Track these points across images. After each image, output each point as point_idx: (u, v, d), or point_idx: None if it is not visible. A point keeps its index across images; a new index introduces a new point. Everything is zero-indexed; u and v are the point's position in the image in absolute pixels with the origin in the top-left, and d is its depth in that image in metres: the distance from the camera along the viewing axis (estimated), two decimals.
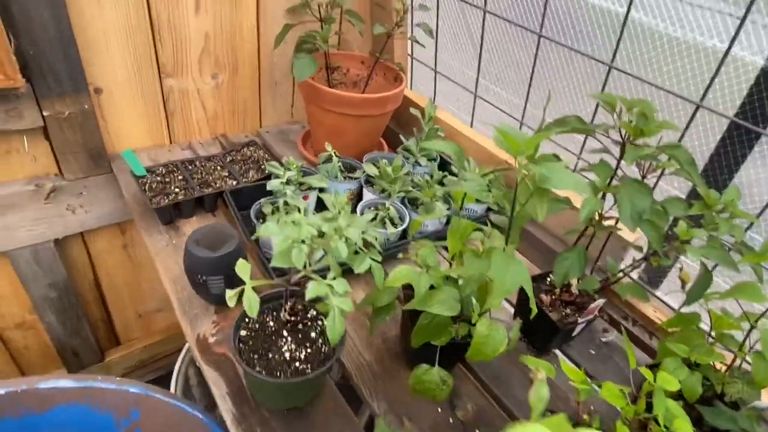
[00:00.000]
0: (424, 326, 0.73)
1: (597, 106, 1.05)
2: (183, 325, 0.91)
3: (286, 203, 1.01)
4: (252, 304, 0.65)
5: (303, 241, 0.65)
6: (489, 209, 1.24)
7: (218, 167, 1.23)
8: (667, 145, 0.71)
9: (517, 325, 0.71)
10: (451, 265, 0.79)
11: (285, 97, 1.53)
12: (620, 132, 0.76)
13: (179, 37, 1.23)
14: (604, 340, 1.05)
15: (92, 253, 1.43)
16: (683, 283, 0.86)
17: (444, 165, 1.36)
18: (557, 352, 1.01)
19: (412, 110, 1.33)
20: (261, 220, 1.04)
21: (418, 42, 1.33)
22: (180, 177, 1.16)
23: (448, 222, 1.18)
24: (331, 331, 0.63)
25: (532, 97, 1.20)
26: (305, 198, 1.12)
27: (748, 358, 0.74)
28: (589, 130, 0.77)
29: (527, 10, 1.22)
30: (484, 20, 1.23)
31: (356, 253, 0.72)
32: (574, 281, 0.98)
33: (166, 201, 1.07)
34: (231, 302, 0.69)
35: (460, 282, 0.74)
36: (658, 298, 1.07)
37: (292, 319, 0.80)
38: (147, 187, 1.11)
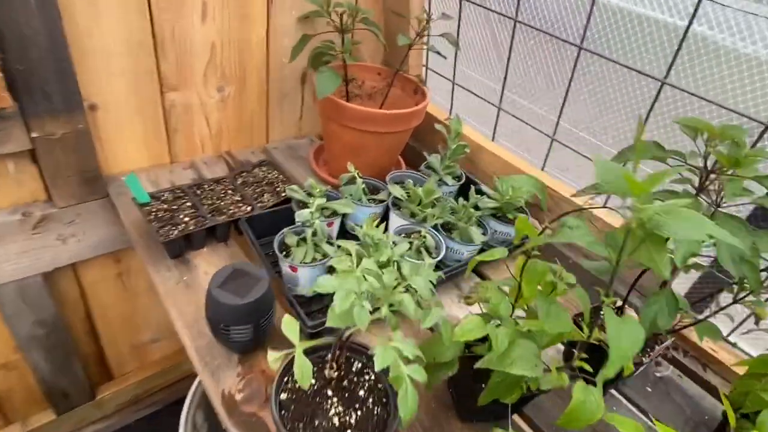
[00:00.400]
0: (496, 385, 0.64)
1: (645, 120, 0.98)
2: (204, 379, 0.80)
3: (314, 233, 0.91)
4: (305, 372, 0.54)
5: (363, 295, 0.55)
6: None
7: (229, 191, 1.12)
8: (763, 176, 0.64)
9: (600, 383, 0.63)
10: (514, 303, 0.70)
11: (293, 110, 1.43)
12: (704, 161, 0.68)
13: (183, 47, 1.11)
14: (658, 375, 0.98)
15: (84, 285, 1.29)
16: (758, 319, 0.79)
17: (469, 183, 1.28)
18: (613, 392, 0.93)
19: (437, 126, 1.24)
20: (284, 253, 0.93)
21: (439, 53, 1.24)
22: (188, 203, 1.04)
23: (482, 250, 1.10)
24: (403, 408, 0.53)
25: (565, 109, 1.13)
26: (330, 225, 1.02)
27: None
28: (668, 157, 0.69)
29: (549, 16, 1.15)
30: (514, 30, 1.15)
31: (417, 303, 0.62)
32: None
33: (176, 233, 0.95)
34: (274, 365, 0.59)
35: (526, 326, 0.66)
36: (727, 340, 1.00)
37: (336, 375, 0.70)
38: (153, 216, 0.99)
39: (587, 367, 0.62)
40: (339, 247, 0.75)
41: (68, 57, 0.93)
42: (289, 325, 0.56)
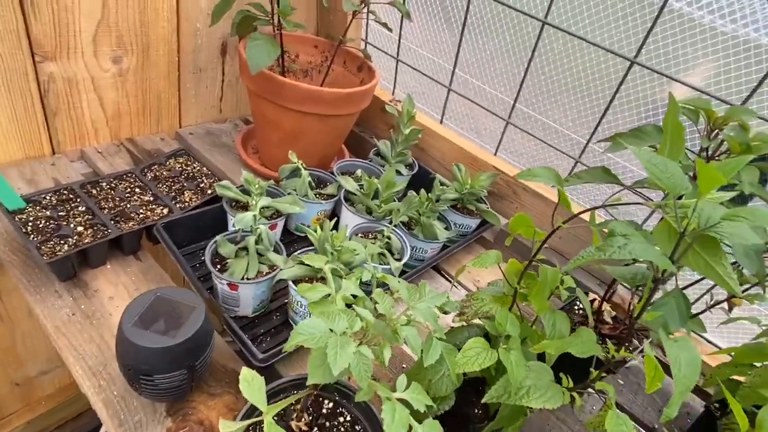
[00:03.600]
0: (504, 417, 0.54)
1: (609, 104, 0.92)
2: None
3: (258, 241, 0.73)
4: None
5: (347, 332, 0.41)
6: (484, 222, 1.07)
7: (137, 189, 0.88)
8: None
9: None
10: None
11: (211, 88, 1.20)
12: (708, 145, 0.62)
13: (63, 2, 0.85)
14: (626, 365, 0.96)
15: None
16: (731, 307, 0.77)
17: (422, 173, 1.16)
18: (590, 390, 0.88)
19: (388, 108, 1.10)
20: (219, 267, 0.75)
21: (386, 26, 1.09)
22: (81, 208, 0.80)
23: (444, 247, 0.99)
24: None
25: (523, 92, 1.05)
26: (272, 228, 0.85)
27: None
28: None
29: None
30: (469, 2, 1.04)
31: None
32: (607, 308, 0.86)
33: (66, 248, 0.72)
34: None
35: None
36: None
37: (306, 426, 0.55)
38: (30, 227, 0.74)
39: (611, 390, 0.54)
40: (302, 262, 0.59)
41: None
42: (251, 385, 0.40)
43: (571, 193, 1.04)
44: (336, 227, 0.91)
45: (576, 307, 0.88)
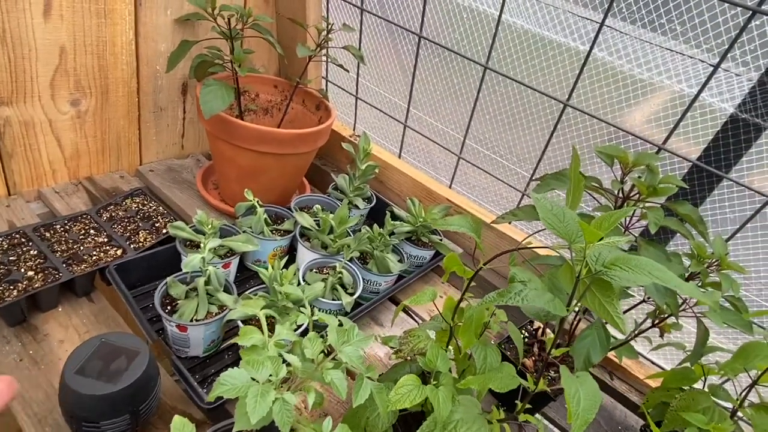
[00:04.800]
0: None
1: (547, 142, 0.99)
2: None
3: (207, 281, 0.75)
4: None
5: (280, 381, 0.43)
6: (438, 252, 1.11)
7: (91, 230, 0.90)
8: (676, 203, 0.65)
9: None
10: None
11: (172, 126, 1.23)
12: (622, 188, 0.68)
13: (20, 49, 0.87)
14: None
15: None
16: (663, 332, 0.82)
17: (380, 205, 1.20)
18: (538, 416, 0.91)
19: (345, 145, 1.14)
20: (169, 308, 0.76)
21: (342, 67, 1.15)
22: (33, 252, 0.81)
23: (400, 278, 1.03)
24: None
25: (471, 129, 1.11)
26: (226, 266, 0.87)
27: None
28: (588, 183, 0.68)
29: (461, 37, 1.13)
30: (419, 46, 1.10)
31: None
32: (549, 335, 0.90)
33: (15, 293, 0.72)
34: None
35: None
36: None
37: None
38: None
39: (534, 420, 0.57)
40: (241, 297, 0.62)
41: None
42: None
43: (522, 222, 1.09)
44: (288, 264, 0.94)
45: (525, 336, 0.92)
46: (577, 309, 0.82)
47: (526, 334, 0.92)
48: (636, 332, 0.76)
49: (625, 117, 0.95)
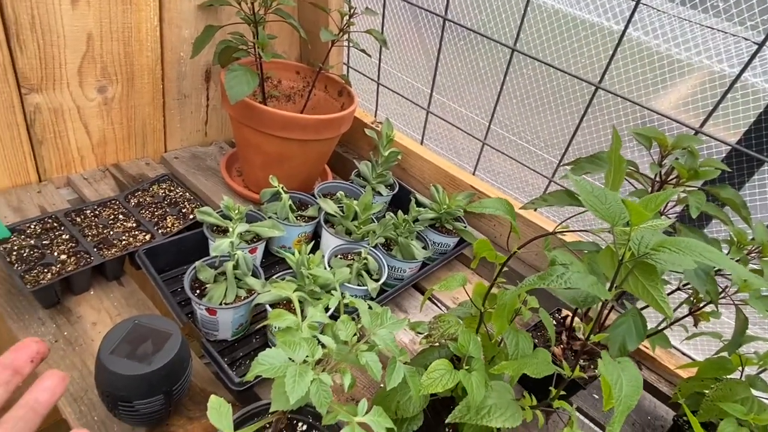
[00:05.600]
0: None
1: (577, 126, 0.96)
2: None
3: (236, 266, 0.75)
4: None
5: (318, 361, 0.43)
6: (462, 240, 1.10)
7: (120, 215, 0.91)
8: (717, 187, 0.63)
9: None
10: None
11: (196, 113, 1.23)
12: (660, 172, 0.65)
13: (48, 37, 0.88)
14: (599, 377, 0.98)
15: None
16: (697, 322, 0.80)
17: (402, 192, 1.19)
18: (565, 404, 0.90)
19: (368, 132, 1.14)
20: (198, 292, 0.77)
21: (364, 51, 1.13)
22: (65, 236, 0.82)
23: (423, 265, 1.02)
24: None
25: (497, 113, 1.09)
26: (252, 251, 0.87)
27: None
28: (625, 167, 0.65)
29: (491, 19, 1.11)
30: (443, 29, 1.08)
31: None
32: (579, 325, 0.88)
33: (49, 276, 0.74)
34: None
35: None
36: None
37: None
38: (14, 256, 0.76)
39: (568, 407, 0.56)
40: (268, 282, 0.62)
41: None
42: (218, 412, 0.42)
43: (548, 210, 1.07)
44: (313, 250, 0.94)
45: (554, 324, 0.91)
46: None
47: (554, 323, 0.91)
48: (672, 321, 0.74)
49: (660, 99, 0.92)
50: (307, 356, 0.41)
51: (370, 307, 0.56)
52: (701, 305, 0.70)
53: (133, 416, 0.61)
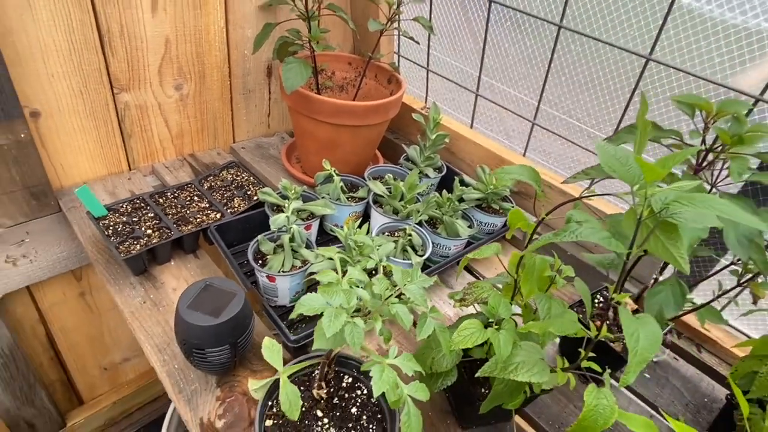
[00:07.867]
0: (498, 391, 0.60)
1: (629, 101, 0.94)
2: (179, 407, 0.73)
3: (291, 239, 0.84)
4: (292, 403, 0.48)
5: (356, 311, 0.49)
6: None
7: (195, 197, 1.03)
8: (765, 153, 0.61)
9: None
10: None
11: (260, 106, 1.34)
12: (703, 139, 0.64)
13: (134, 43, 1.01)
14: (655, 359, 0.96)
15: (42, 308, 1.19)
16: (756, 299, 0.77)
17: (450, 175, 1.22)
18: (613, 381, 0.90)
19: (415, 116, 1.18)
20: (260, 262, 0.86)
21: (413, 39, 1.18)
22: (150, 214, 0.95)
23: (468, 243, 1.05)
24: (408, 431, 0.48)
25: (546, 93, 1.09)
26: (308, 228, 0.95)
27: None
28: (664, 136, 0.65)
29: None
30: (489, 10, 1.10)
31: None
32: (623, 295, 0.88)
33: (138, 247, 0.87)
34: (257, 394, 0.52)
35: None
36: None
37: (325, 393, 0.64)
38: (111, 230, 0.90)
39: (596, 368, 0.58)
40: (319, 253, 0.69)
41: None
42: (271, 350, 0.50)
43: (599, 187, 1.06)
44: (368, 227, 1.01)
45: (596, 300, 0.91)
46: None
47: (602, 299, 0.91)
48: (720, 293, 0.72)
49: (737, 77, 0.87)
50: (342, 304, 0.47)
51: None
52: (750, 276, 0.67)
53: (206, 364, 0.71)
